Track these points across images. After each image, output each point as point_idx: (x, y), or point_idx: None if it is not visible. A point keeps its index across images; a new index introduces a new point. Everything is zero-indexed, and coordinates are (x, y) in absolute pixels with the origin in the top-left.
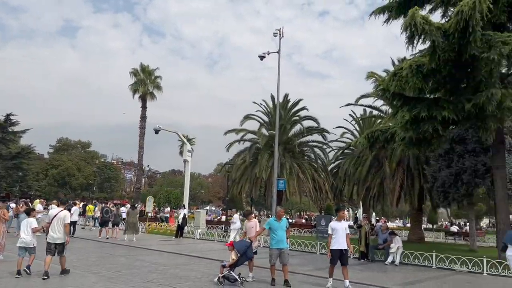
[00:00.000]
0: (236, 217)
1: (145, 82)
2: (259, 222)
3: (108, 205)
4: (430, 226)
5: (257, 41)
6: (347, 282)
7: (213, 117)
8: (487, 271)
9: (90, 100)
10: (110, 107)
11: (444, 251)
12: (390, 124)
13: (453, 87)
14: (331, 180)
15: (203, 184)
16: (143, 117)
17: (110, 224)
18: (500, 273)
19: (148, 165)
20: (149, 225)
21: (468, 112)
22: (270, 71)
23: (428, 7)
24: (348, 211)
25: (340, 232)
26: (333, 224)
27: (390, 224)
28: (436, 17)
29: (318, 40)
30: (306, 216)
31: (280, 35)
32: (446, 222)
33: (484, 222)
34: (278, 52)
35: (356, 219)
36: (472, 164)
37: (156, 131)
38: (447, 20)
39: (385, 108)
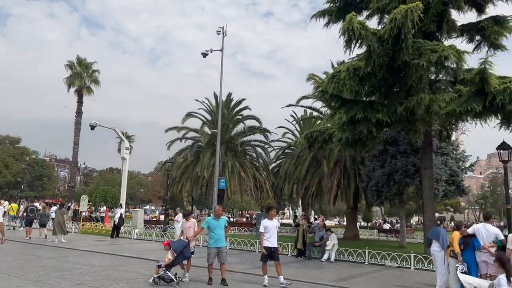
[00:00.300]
0: (181, 215)
1: (81, 76)
2: (199, 221)
3: (34, 204)
4: (365, 224)
5: (201, 38)
6: (281, 278)
7: (155, 114)
8: (414, 265)
9: (18, 93)
10: (43, 101)
11: (377, 248)
12: (329, 125)
13: (387, 91)
14: (272, 179)
15: (142, 182)
16: (79, 113)
17: (37, 224)
18: (426, 267)
19: (85, 163)
20: (83, 225)
21: (400, 115)
22: (215, 69)
23: (365, 13)
24: (289, 209)
25: (272, 230)
26: (265, 222)
27: (328, 222)
28: (373, 24)
29: (262, 40)
30: (248, 215)
31: (223, 33)
32: (380, 220)
33: (414, 219)
34: (221, 50)
35: (295, 218)
36: (403, 165)
37: (92, 127)
38: (382, 26)
39: (325, 109)
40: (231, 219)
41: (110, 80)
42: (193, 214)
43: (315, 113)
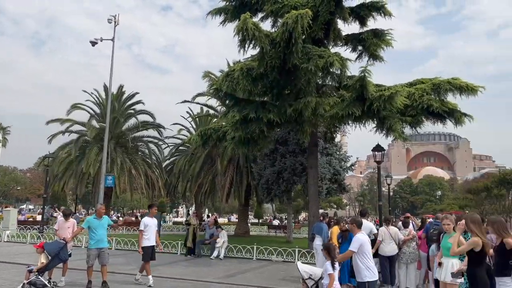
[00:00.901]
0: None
1: None
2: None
3: None
4: (257, 220)
5: (95, 26)
6: (139, 275)
7: (38, 105)
8: (297, 259)
9: None
10: None
11: (265, 244)
12: (224, 123)
13: (278, 93)
14: (165, 177)
15: (19, 179)
16: None
17: None
18: (308, 261)
19: None
20: None
21: (290, 116)
22: (108, 59)
23: (260, 15)
24: (183, 207)
25: (152, 228)
26: (146, 220)
27: (221, 220)
28: (267, 26)
29: (159, 34)
30: (139, 214)
31: (115, 22)
32: (270, 217)
33: (302, 216)
34: (112, 39)
35: (188, 215)
36: (291, 164)
37: None
38: (276, 29)
39: (221, 108)
40: (121, 218)
41: None
42: (77, 214)
43: (211, 111)
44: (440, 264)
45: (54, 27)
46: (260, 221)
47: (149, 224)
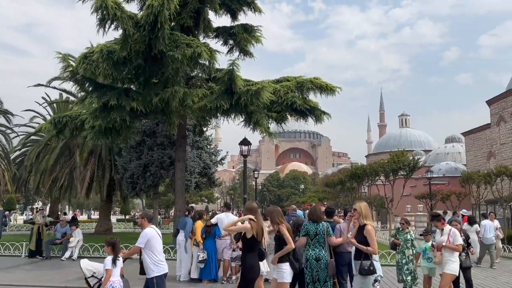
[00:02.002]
0: None
1: None
2: None
3: None
4: (123, 216)
5: None
6: None
7: None
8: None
9: None
10: None
11: (128, 241)
12: (85, 111)
13: (146, 81)
14: (13, 170)
15: None
16: None
17: None
18: (172, 257)
19: None
20: None
21: (156, 106)
22: None
23: None
24: (38, 204)
25: None
26: None
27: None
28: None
29: (17, 11)
30: None
31: None
32: (137, 212)
33: (172, 211)
34: None
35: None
36: (159, 157)
37: None
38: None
39: (82, 94)
40: None
41: None
42: None
43: (72, 98)
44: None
45: None
46: (127, 217)
47: None
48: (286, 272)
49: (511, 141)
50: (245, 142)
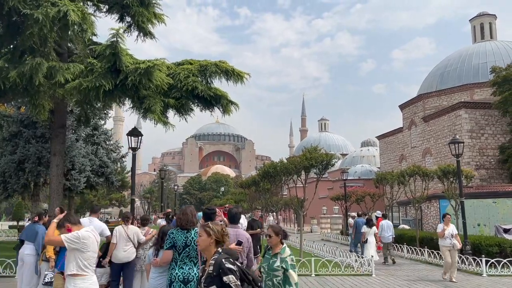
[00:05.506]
0: None
1: None
2: None
3: None
4: (15, 223)
5: None
6: None
7: None
8: None
9: None
10: None
11: None
12: None
13: (8, 52)
14: None
15: None
16: None
17: None
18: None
19: None
20: None
21: (16, 83)
22: None
23: None
24: None
25: None
26: None
27: None
28: None
29: None
30: None
31: None
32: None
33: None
34: None
35: None
36: (37, 151)
37: None
38: None
39: None
40: None
41: None
42: None
43: None
44: None
45: None
46: (19, 223)
47: None
48: None
49: (421, 144)
50: (134, 132)
